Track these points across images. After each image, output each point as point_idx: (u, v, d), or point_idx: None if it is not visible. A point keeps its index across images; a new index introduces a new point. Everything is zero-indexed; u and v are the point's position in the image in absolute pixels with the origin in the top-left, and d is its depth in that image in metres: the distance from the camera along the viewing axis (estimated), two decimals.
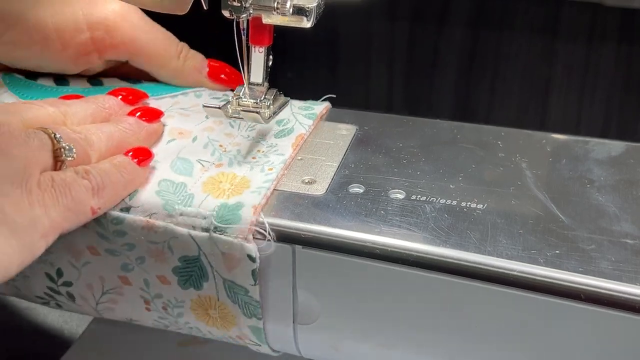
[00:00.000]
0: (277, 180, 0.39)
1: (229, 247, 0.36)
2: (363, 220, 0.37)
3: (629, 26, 0.64)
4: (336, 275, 0.37)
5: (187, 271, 0.38)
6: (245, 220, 0.36)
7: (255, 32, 0.40)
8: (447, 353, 0.38)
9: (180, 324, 0.41)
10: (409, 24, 0.70)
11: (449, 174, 0.41)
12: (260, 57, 0.41)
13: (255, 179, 0.39)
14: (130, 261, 0.39)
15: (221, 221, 0.36)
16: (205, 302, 0.39)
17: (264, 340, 0.40)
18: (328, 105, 0.47)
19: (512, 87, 0.70)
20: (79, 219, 0.36)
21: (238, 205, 0.37)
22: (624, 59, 0.65)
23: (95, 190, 0.36)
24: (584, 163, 0.42)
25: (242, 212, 0.37)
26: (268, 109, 0.41)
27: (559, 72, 0.68)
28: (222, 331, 0.40)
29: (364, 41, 0.72)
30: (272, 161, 0.41)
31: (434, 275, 0.35)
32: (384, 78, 0.73)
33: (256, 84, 0.41)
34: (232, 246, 0.36)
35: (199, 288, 0.38)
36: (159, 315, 0.41)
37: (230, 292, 0.38)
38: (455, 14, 0.69)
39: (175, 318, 0.40)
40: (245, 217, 0.36)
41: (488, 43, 0.69)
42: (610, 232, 0.36)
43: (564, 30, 0.66)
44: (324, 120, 0.46)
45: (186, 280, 0.38)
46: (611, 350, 0.34)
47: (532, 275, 0.34)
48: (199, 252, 0.37)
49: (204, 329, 0.41)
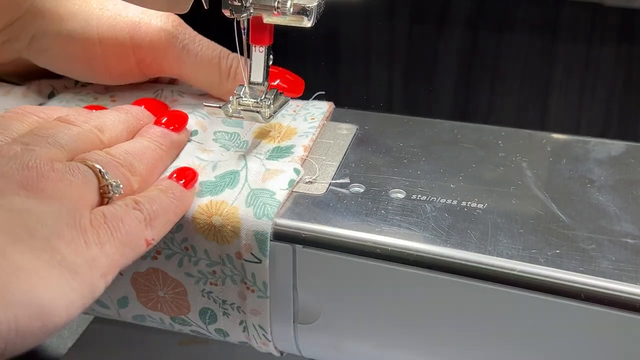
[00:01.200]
0: (320, 127, 0.44)
1: (277, 166, 0.40)
2: (363, 219, 0.37)
3: (629, 26, 0.64)
4: (336, 275, 0.37)
5: (213, 184, 0.39)
6: (297, 154, 0.41)
7: (256, 32, 0.41)
8: (447, 352, 0.38)
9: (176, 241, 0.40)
10: (409, 24, 0.70)
11: (450, 173, 0.41)
12: (260, 56, 0.41)
13: (301, 126, 0.44)
14: None
15: (274, 158, 0.41)
16: (213, 207, 0.38)
17: (267, 253, 0.37)
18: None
19: (512, 87, 0.70)
20: (135, 253, 0.34)
21: (289, 147, 0.42)
22: (624, 59, 0.65)
23: (148, 220, 0.34)
24: (584, 163, 0.42)
25: (294, 150, 0.42)
26: (268, 108, 0.41)
27: (559, 72, 0.68)
28: (220, 247, 0.38)
29: (364, 41, 0.72)
30: (313, 112, 0.46)
31: (435, 275, 0.35)
32: (384, 78, 0.73)
33: (256, 83, 0.41)
34: (280, 165, 0.40)
35: (216, 194, 0.38)
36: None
37: (250, 198, 0.38)
38: (455, 14, 0.69)
39: (172, 234, 0.39)
40: (297, 153, 0.41)
41: (488, 43, 0.69)
42: (611, 231, 0.36)
43: (564, 30, 0.66)
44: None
45: (205, 192, 0.39)
46: (611, 349, 0.34)
47: (533, 274, 0.34)
48: (243, 168, 0.40)
49: (200, 245, 0.39)
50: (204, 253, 0.38)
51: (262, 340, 0.40)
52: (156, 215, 0.35)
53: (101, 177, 0.34)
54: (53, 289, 0.29)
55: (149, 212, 0.35)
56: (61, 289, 0.29)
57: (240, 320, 0.40)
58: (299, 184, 0.40)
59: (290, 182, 0.39)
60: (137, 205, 0.34)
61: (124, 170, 0.36)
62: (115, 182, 0.35)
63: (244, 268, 0.38)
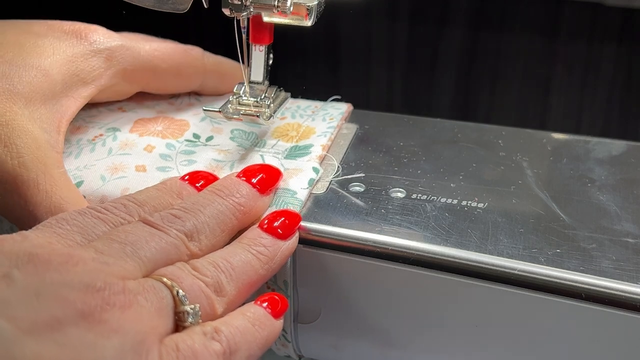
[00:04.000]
0: (338, 127, 0.44)
1: (295, 165, 0.40)
2: (364, 219, 0.37)
3: (629, 26, 0.63)
4: (336, 274, 0.37)
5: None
6: (316, 154, 0.41)
7: (256, 31, 0.41)
8: (447, 351, 0.38)
9: None
10: (409, 24, 0.70)
11: (450, 172, 0.41)
12: (260, 55, 0.41)
13: (319, 126, 0.44)
14: None
15: (292, 157, 0.41)
16: None
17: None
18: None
19: (512, 87, 0.70)
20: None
21: (308, 146, 0.42)
22: (624, 59, 0.65)
23: (227, 354, 0.30)
24: (585, 162, 0.42)
25: (312, 149, 0.42)
26: (268, 107, 0.41)
27: (559, 72, 0.68)
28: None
29: (364, 41, 0.72)
30: (331, 113, 0.46)
31: (435, 274, 0.35)
32: (384, 78, 0.73)
33: (256, 82, 0.41)
34: (298, 164, 0.40)
35: None
36: None
37: (272, 197, 0.38)
38: (455, 14, 0.69)
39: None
40: (315, 152, 0.41)
41: (488, 43, 0.69)
42: (611, 231, 0.36)
43: (564, 30, 0.66)
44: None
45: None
46: (612, 348, 0.34)
47: (533, 274, 0.34)
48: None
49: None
50: None
51: (281, 341, 0.40)
52: (237, 348, 0.30)
53: (179, 303, 0.29)
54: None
55: (229, 345, 0.30)
56: None
57: None
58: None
59: (310, 181, 0.39)
60: (218, 335, 0.30)
61: (210, 293, 0.31)
62: (193, 310, 0.30)
63: None
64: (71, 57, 0.40)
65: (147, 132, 0.43)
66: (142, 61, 0.43)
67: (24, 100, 0.37)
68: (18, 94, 0.37)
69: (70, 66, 0.40)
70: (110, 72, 0.41)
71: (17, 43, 0.39)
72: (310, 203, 0.38)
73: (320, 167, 0.41)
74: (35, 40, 0.40)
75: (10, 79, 0.37)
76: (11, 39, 0.40)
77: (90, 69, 0.41)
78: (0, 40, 0.39)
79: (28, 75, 0.38)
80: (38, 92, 0.38)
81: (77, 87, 0.40)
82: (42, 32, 0.41)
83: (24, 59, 0.39)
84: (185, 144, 0.42)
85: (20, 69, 0.38)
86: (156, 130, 0.43)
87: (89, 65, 0.40)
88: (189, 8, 0.39)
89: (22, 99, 0.37)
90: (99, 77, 0.41)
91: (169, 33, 0.48)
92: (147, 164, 0.40)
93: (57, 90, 0.39)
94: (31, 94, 0.38)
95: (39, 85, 0.38)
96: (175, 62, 0.44)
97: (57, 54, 0.40)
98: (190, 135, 0.43)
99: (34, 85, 0.38)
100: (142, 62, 0.43)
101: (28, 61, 0.38)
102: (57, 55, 0.40)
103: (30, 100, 0.37)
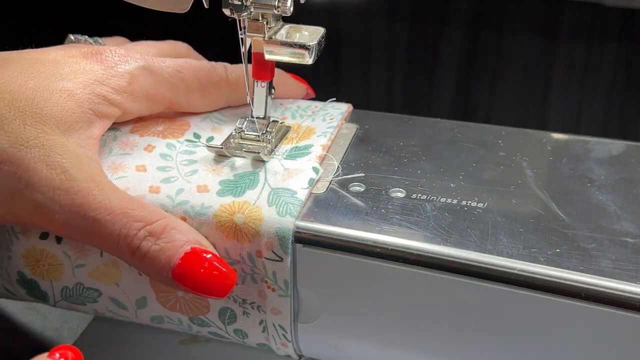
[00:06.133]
0: (338, 127, 0.44)
1: (295, 165, 0.40)
2: (364, 218, 0.37)
3: (629, 26, 0.64)
4: (337, 274, 0.37)
5: (233, 183, 0.39)
6: (316, 154, 0.41)
7: (258, 68, 0.41)
8: (447, 351, 0.38)
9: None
10: (409, 24, 0.70)
11: (450, 172, 0.41)
12: (262, 91, 0.42)
13: (319, 126, 0.44)
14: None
15: (292, 157, 0.41)
16: (236, 207, 0.38)
17: (288, 251, 0.37)
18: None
19: (512, 87, 0.70)
20: None
21: (308, 146, 0.42)
22: (624, 59, 0.65)
23: None
24: (585, 162, 0.42)
25: (312, 149, 0.42)
26: (269, 143, 0.41)
27: (559, 72, 0.68)
28: (240, 245, 0.38)
29: (364, 41, 0.72)
30: (331, 113, 0.46)
31: (435, 274, 0.35)
32: (384, 78, 0.73)
33: (258, 117, 0.42)
34: (298, 165, 0.40)
35: (238, 195, 0.38)
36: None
37: (271, 198, 0.38)
38: (455, 14, 0.69)
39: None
40: (315, 152, 0.41)
41: (488, 43, 0.69)
42: (611, 231, 0.36)
43: (564, 31, 0.66)
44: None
45: (226, 191, 0.39)
46: (611, 348, 0.34)
47: (533, 273, 0.34)
48: (261, 169, 0.40)
49: (220, 243, 0.38)
50: (224, 252, 0.38)
51: (281, 340, 0.40)
52: None
53: None
54: None
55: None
56: None
57: (260, 320, 0.40)
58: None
59: (310, 180, 0.39)
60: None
61: None
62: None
63: (265, 266, 0.38)
64: (93, 79, 0.40)
65: (147, 132, 0.43)
66: (165, 83, 0.43)
67: (54, 120, 0.38)
68: (47, 116, 0.37)
69: (95, 87, 0.40)
70: (133, 97, 0.41)
71: (36, 71, 0.40)
72: (310, 203, 0.38)
73: (320, 167, 0.41)
74: (55, 67, 0.40)
75: (37, 103, 0.38)
76: (29, 68, 0.40)
77: (113, 89, 0.41)
78: (19, 70, 0.39)
79: (54, 97, 0.38)
80: (67, 112, 0.38)
81: (103, 106, 0.40)
82: (58, 58, 0.41)
83: (47, 84, 0.39)
84: (185, 144, 0.43)
85: (45, 93, 0.38)
86: (157, 131, 0.43)
87: (112, 86, 0.41)
88: (189, 8, 0.39)
89: (52, 119, 0.37)
90: (122, 100, 0.41)
91: (169, 33, 0.48)
92: (147, 163, 0.41)
93: (85, 109, 0.39)
94: (60, 114, 0.38)
95: (66, 105, 0.38)
96: (199, 84, 0.44)
97: (79, 77, 0.40)
98: (191, 135, 0.43)
99: (62, 105, 0.38)
100: (166, 84, 0.43)
101: (52, 85, 0.39)
102: (79, 77, 0.40)
103: (61, 120, 0.38)
